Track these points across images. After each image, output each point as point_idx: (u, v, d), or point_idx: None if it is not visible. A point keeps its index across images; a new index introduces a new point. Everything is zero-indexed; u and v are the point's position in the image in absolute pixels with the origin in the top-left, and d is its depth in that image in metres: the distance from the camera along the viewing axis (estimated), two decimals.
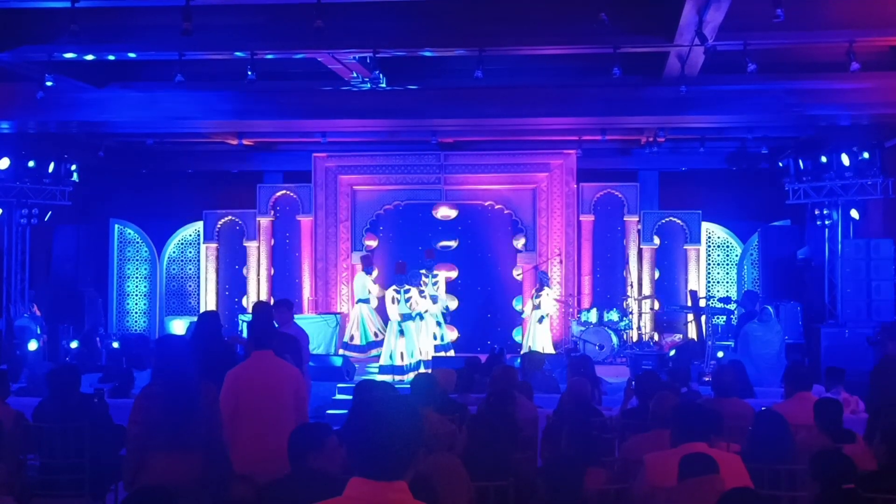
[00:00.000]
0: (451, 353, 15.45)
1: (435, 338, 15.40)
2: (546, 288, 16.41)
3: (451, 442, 6.25)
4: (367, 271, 16.82)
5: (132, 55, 12.05)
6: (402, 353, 14.37)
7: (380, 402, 2.87)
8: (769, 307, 14.51)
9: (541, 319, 16.27)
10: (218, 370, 6.49)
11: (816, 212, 15.97)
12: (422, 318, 14.75)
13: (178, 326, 18.54)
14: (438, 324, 15.75)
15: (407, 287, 14.48)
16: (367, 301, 16.66)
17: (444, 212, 18.72)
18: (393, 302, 14.51)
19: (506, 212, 18.59)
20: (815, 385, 8.65)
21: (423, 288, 15.07)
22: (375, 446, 2.76)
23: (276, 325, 8.59)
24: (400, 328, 14.44)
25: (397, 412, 2.81)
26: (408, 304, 14.40)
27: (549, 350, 15.88)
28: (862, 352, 13.77)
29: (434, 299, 15.59)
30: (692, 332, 17.23)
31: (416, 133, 16.91)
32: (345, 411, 11.04)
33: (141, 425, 5.74)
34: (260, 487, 4.95)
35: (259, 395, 6.20)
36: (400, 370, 14.25)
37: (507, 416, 6.53)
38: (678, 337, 17.59)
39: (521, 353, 15.38)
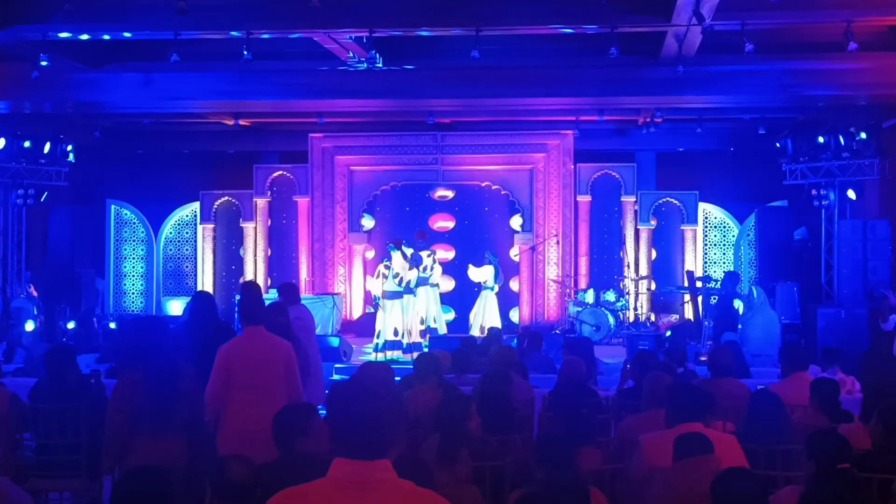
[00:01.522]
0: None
1: (423, 322, 15.37)
2: (486, 265, 16.35)
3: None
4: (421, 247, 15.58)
5: (128, 35, 12.00)
6: (394, 329, 14.47)
7: (358, 381, 2.86)
8: (743, 288, 14.56)
9: (481, 288, 16.35)
10: (215, 350, 6.48)
11: (813, 192, 15.96)
12: (413, 294, 14.78)
13: (175, 307, 18.55)
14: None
15: (387, 263, 14.61)
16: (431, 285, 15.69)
17: (441, 192, 18.69)
18: (377, 276, 14.82)
19: (503, 192, 18.57)
20: (812, 365, 8.69)
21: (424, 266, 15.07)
22: (355, 425, 2.74)
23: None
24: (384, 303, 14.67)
25: (375, 391, 2.79)
26: (395, 280, 14.61)
27: (496, 324, 15.70)
28: (858, 333, 13.80)
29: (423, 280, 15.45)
30: (689, 313, 17.26)
31: (413, 113, 16.84)
32: None
33: (126, 412, 5.74)
34: (256, 468, 4.93)
35: (251, 369, 6.20)
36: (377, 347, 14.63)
37: (504, 397, 6.53)
38: (675, 317, 17.64)
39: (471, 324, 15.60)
